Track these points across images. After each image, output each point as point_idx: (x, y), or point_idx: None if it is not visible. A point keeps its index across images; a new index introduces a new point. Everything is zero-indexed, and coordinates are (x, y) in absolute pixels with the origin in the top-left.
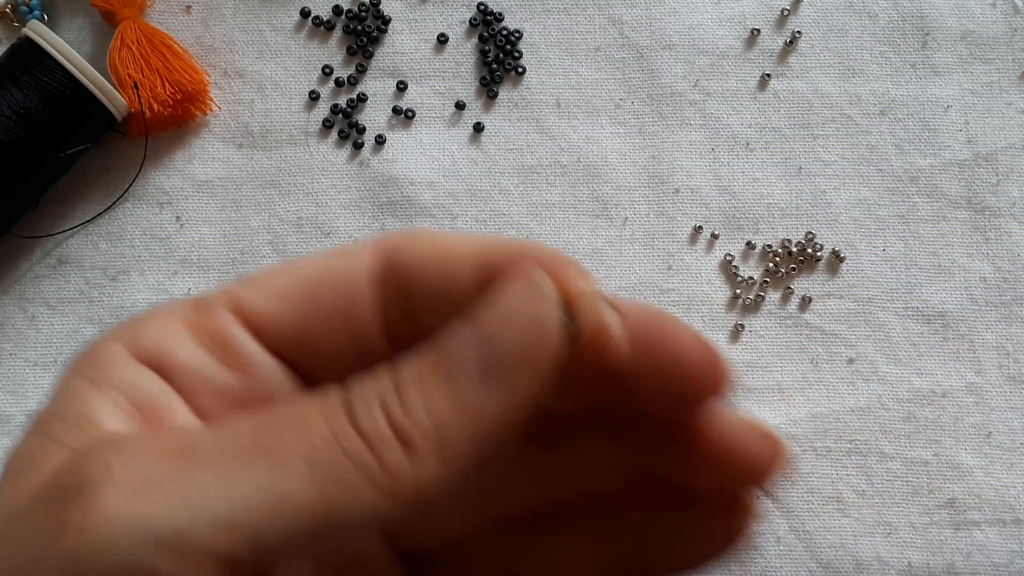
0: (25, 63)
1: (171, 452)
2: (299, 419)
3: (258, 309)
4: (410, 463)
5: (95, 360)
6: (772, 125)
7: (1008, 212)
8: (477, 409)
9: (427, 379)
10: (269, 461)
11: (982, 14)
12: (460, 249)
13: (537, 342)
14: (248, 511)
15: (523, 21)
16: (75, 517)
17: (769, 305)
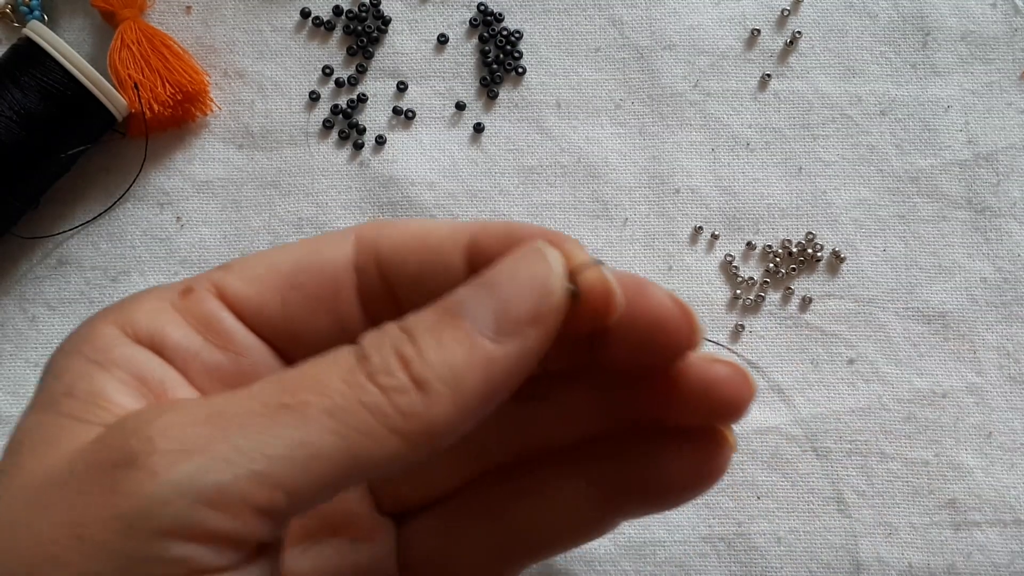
0: (25, 63)
1: (205, 418)
2: (317, 376)
3: (242, 294)
4: (424, 405)
5: (92, 341)
6: (772, 125)
7: (1009, 212)
8: (489, 358)
9: (442, 330)
10: (295, 417)
11: (982, 14)
12: (444, 234)
13: (546, 302)
14: (281, 464)
15: (523, 21)
16: (128, 483)
17: (769, 305)
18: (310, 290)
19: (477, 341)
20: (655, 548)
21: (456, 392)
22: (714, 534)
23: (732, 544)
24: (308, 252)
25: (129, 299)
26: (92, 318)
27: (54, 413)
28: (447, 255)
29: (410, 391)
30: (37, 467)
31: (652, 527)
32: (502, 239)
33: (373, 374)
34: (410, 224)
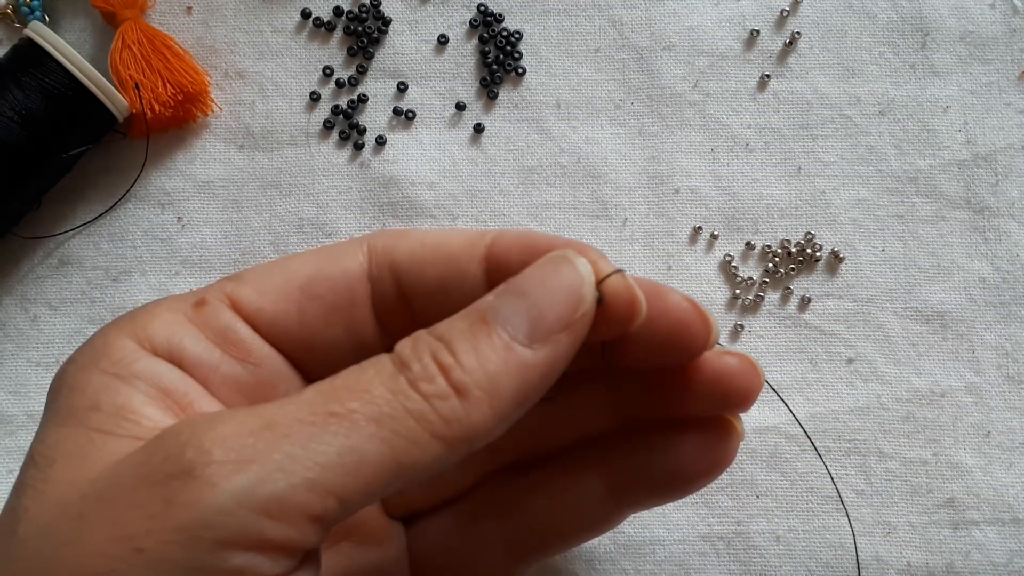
0: (26, 64)
1: (256, 428)
2: (361, 384)
3: (257, 306)
4: (464, 410)
5: (109, 355)
6: (771, 126)
7: (1007, 212)
8: (524, 363)
9: (477, 337)
10: (343, 425)
11: (981, 15)
12: (460, 245)
13: (578, 309)
14: (333, 472)
15: (523, 22)
16: (186, 494)
17: (768, 305)
18: (326, 301)
19: (512, 347)
20: (654, 547)
21: (493, 397)
22: (713, 533)
23: (731, 543)
24: (322, 263)
25: (141, 311)
26: (104, 330)
27: (81, 427)
28: (465, 265)
29: (451, 397)
30: (73, 481)
31: (651, 526)
32: (521, 249)
33: (415, 381)
34: (423, 234)
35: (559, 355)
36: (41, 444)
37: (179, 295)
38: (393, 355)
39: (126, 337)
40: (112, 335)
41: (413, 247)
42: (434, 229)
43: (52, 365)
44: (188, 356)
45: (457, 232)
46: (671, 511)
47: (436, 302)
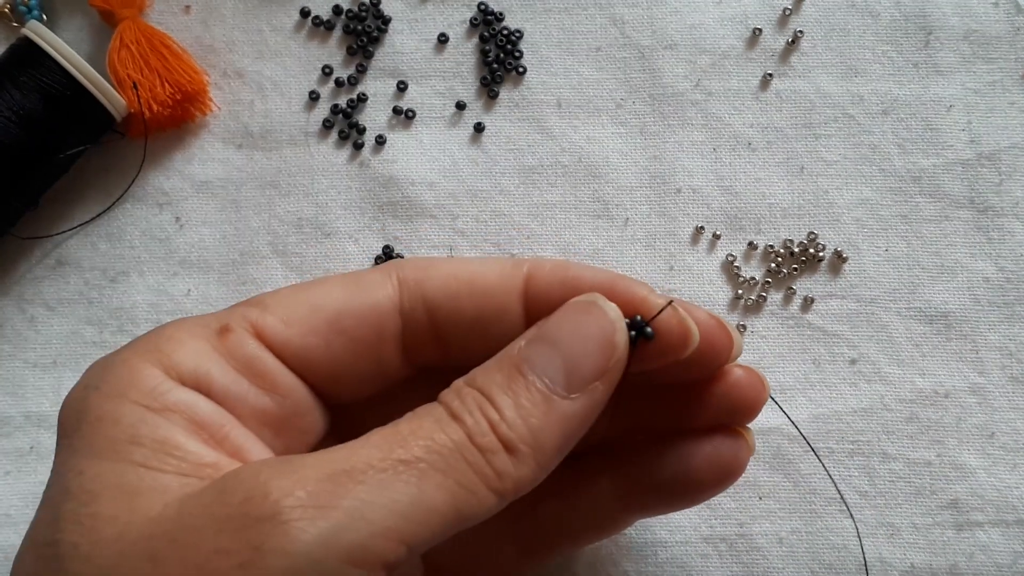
0: (24, 63)
1: (332, 473)
2: (423, 433)
3: (284, 337)
4: (513, 465)
5: (137, 384)
6: (774, 125)
7: (1011, 212)
8: (564, 415)
9: (516, 390)
10: (412, 474)
11: (985, 13)
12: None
13: (612, 357)
14: (404, 520)
15: (524, 21)
16: (274, 540)
17: (771, 305)
18: (354, 334)
19: (551, 401)
20: (656, 548)
21: (537, 451)
22: (716, 534)
23: (734, 545)
24: (351, 295)
25: (163, 338)
26: (126, 356)
27: (123, 461)
28: (503, 300)
29: (500, 452)
30: (128, 519)
31: (653, 527)
32: (559, 284)
33: (472, 435)
34: (454, 265)
35: (596, 402)
36: (80, 477)
37: (198, 318)
38: (444, 405)
39: (151, 365)
40: (136, 363)
41: (447, 281)
42: (463, 259)
43: (49, 366)
44: (216, 387)
45: (490, 263)
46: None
47: (471, 335)
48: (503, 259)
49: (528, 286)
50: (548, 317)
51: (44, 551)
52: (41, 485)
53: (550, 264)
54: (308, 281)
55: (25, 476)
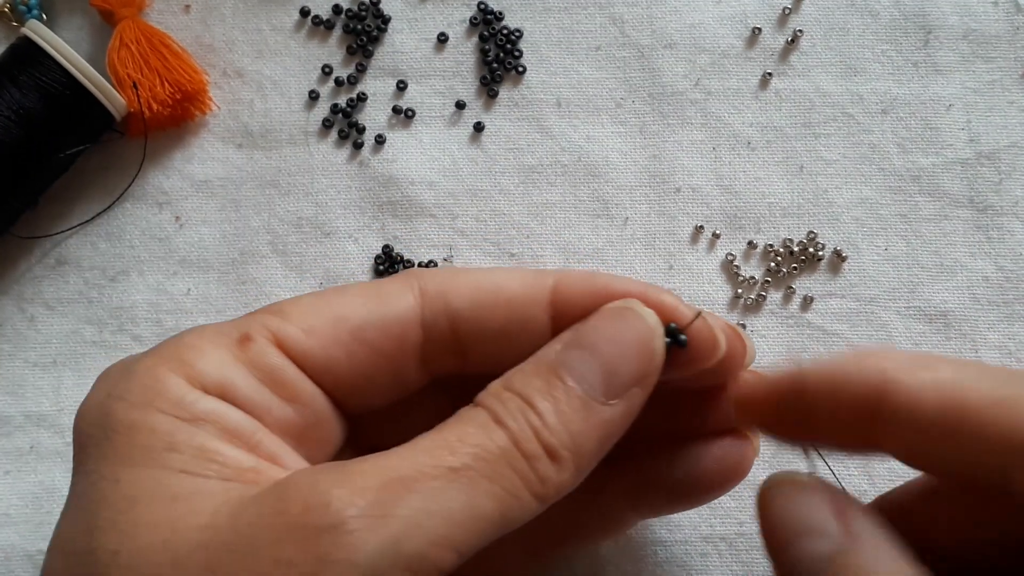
0: (24, 63)
1: (387, 481)
2: (471, 439)
3: (305, 348)
4: (555, 471)
5: (164, 394)
6: (774, 124)
7: (1011, 211)
8: (603, 421)
9: (556, 395)
10: (463, 482)
11: (984, 12)
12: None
13: (650, 363)
14: (458, 527)
15: (523, 20)
16: (339, 551)
17: (771, 305)
18: (376, 346)
19: (591, 407)
20: (656, 548)
21: (577, 456)
22: (716, 534)
23: (733, 544)
24: (373, 307)
25: (185, 346)
26: (148, 365)
27: (162, 468)
28: (529, 312)
29: (544, 458)
30: (174, 526)
31: (653, 527)
32: (588, 294)
33: (518, 441)
34: (477, 276)
35: (633, 407)
36: (117, 484)
37: (217, 326)
38: (487, 410)
39: (174, 375)
40: (161, 373)
41: (471, 292)
42: (486, 269)
43: (49, 365)
44: (241, 396)
45: (515, 274)
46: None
47: (493, 346)
48: (527, 269)
49: (556, 296)
50: (583, 322)
51: (78, 560)
52: (41, 485)
53: (577, 273)
54: (328, 290)
55: (25, 476)
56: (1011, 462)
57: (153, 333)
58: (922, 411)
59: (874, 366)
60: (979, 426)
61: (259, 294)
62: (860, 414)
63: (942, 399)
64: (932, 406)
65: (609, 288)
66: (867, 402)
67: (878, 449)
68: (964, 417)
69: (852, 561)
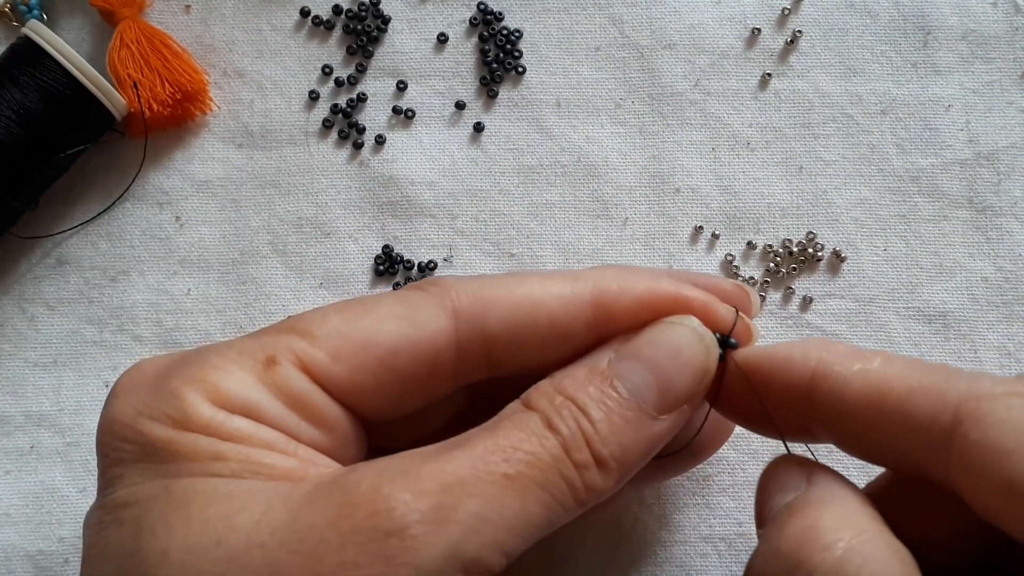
0: (24, 63)
1: (446, 484)
2: (524, 445)
3: (332, 373)
4: (601, 480)
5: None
6: (773, 125)
7: (1010, 212)
8: (651, 434)
9: (609, 405)
10: (516, 488)
11: (983, 13)
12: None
13: (703, 381)
14: (510, 532)
15: (523, 20)
16: (405, 555)
17: (770, 305)
18: (406, 372)
19: (643, 420)
20: (656, 548)
21: (623, 466)
22: (715, 534)
23: (733, 544)
24: (404, 330)
25: (209, 366)
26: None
27: (211, 476)
28: (568, 329)
29: (592, 467)
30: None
31: (652, 527)
32: (634, 307)
33: (569, 450)
34: (513, 292)
35: (679, 423)
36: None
37: (240, 345)
38: (539, 414)
39: (199, 395)
40: (188, 394)
41: (508, 313)
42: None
43: (49, 365)
44: (267, 420)
45: (550, 285)
46: (672, 512)
47: (528, 361)
48: (563, 278)
49: (597, 308)
50: (639, 334)
51: (130, 559)
52: (41, 485)
53: (616, 282)
54: (356, 304)
55: (25, 475)
56: (925, 446)
57: (153, 333)
58: (848, 397)
59: (813, 354)
60: (896, 412)
61: (259, 294)
62: (797, 397)
63: (867, 386)
64: (857, 392)
65: (653, 295)
66: (801, 386)
67: (814, 433)
68: (884, 404)
69: (805, 499)
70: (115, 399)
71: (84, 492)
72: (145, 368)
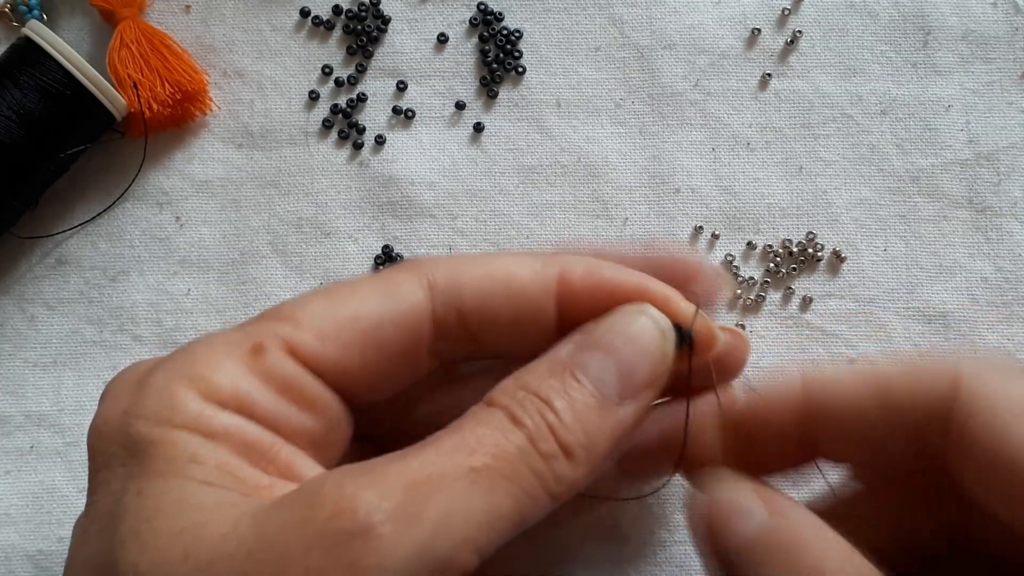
0: (24, 63)
1: (412, 482)
2: (487, 439)
3: (318, 353)
4: (570, 469)
5: (180, 410)
6: (773, 125)
7: (1010, 212)
8: (617, 420)
9: (572, 395)
10: (484, 482)
11: (983, 13)
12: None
13: (663, 366)
14: (479, 529)
15: (523, 21)
16: (369, 557)
17: (770, 305)
18: (389, 346)
19: (606, 406)
20: (655, 548)
21: (591, 454)
22: None
23: None
24: (383, 305)
25: (197, 360)
26: (164, 384)
27: (184, 478)
28: (537, 302)
29: (560, 457)
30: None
31: (653, 527)
32: (595, 287)
33: (535, 441)
34: (485, 265)
35: (644, 408)
36: (139, 496)
37: (227, 336)
38: (503, 410)
39: (189, 390)
40: (175, 389)
41: (480, 284)
42: (493, 256)
43: (49, 365)
44: (258, 410)
45: (522, 261)
46: (672, 512)
47: (502, 335)
48: (533, 255)
49: (561, 288)
50: (596, 323)
51: (104, 573)
52: (41, 485)
53: (582, 266)
54: (336, 288)
55: (25, 475)
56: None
57: (153, 333)
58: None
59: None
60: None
61: (259, 294)
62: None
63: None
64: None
65: (615, 284)
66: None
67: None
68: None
69: (778, 535)
70: (104, 401)
71: (84, 492)
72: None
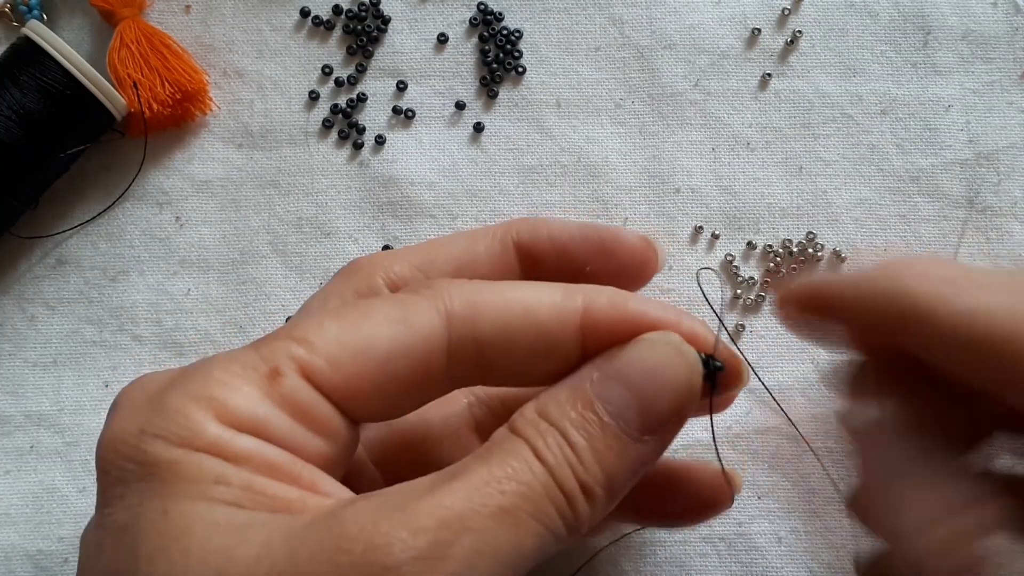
0: (24, 63)
1: (440, 521)
2: (515, 475)
3: (333, 381)
4: (589, 508)
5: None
6: (773, 125)
7: (1009, 212)
8: (635, 457)
9: (590, 430)
10: (512, 522)
11: (983, 13)
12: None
13: (689, 399)
14: (504, 568)
15: (523, 21)
16: None
17: (770, 305)
18: (402, 376)
19: (625, 442)
20: (655, 548)
21: (609, 493)
22: (715, 534)
23: (733, 544)
24: (399, 335)
25: (213, 382)
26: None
27: (211, 501)
28: (558, 336)
29: (580, 497)
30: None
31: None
32: (620, 321)
33: (560, 480)
34: (505, 296)
35: (665, 444)
36: (165, 516)
37: (242, 357)
38: (526, 442)
39: (205, 412)
40: (193, 412)
41: (499, 317)
42: (513, 286)
43: (49, 365)
44: (275, 435)
45: (542, 293)
46: None
47: (518, 367)
48: (555, 287)
49: (586, 321)
50: (620, 351)
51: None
52: (41, 485)
53: (607, 297)
54: (351, 310)
55: (25, 475)
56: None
57: (153, 333)
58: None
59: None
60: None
61: (259, 294)
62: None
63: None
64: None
65: (643, 317)
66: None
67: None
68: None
69: None
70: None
71: (84, 492)
72: (147, 384)
